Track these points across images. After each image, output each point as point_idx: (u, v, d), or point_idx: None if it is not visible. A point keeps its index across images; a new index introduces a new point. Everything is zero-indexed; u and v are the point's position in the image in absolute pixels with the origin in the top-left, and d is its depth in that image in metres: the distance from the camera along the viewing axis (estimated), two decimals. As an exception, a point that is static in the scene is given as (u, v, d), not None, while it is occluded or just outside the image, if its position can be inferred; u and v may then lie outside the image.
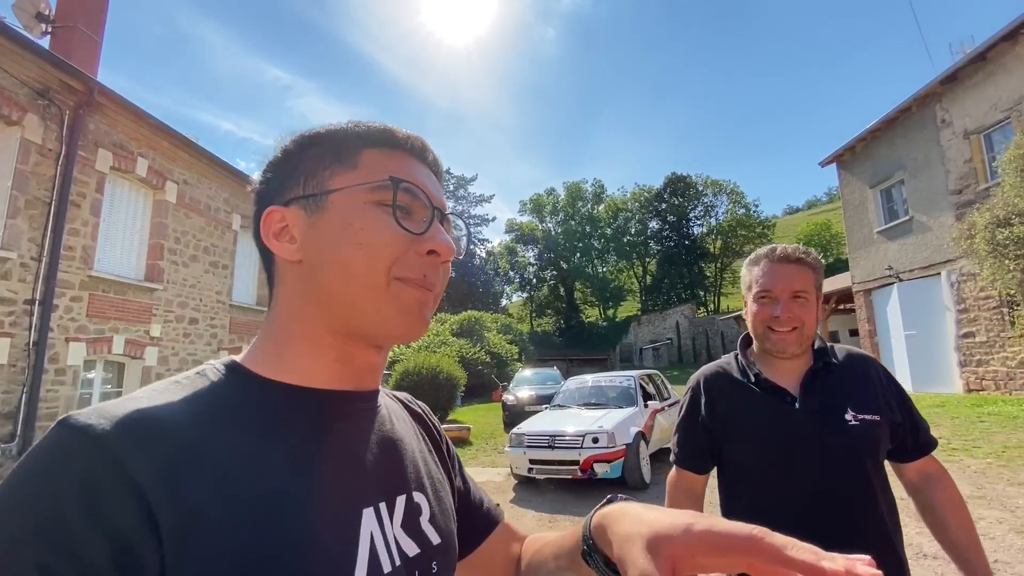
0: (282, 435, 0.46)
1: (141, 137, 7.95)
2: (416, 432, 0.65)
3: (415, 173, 0.54)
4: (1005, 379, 10.30)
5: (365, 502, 0.49)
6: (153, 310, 8.26)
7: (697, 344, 37.88)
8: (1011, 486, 4.78)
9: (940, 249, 11.66)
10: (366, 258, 0.49)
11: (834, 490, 1.14)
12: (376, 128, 0.55)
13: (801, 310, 1.22)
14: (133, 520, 0.35)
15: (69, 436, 0.38)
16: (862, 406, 1.20)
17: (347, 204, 0.50)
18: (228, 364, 0.50)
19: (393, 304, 0.50)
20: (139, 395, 0.44)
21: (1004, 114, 10.06)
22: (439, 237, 0.51)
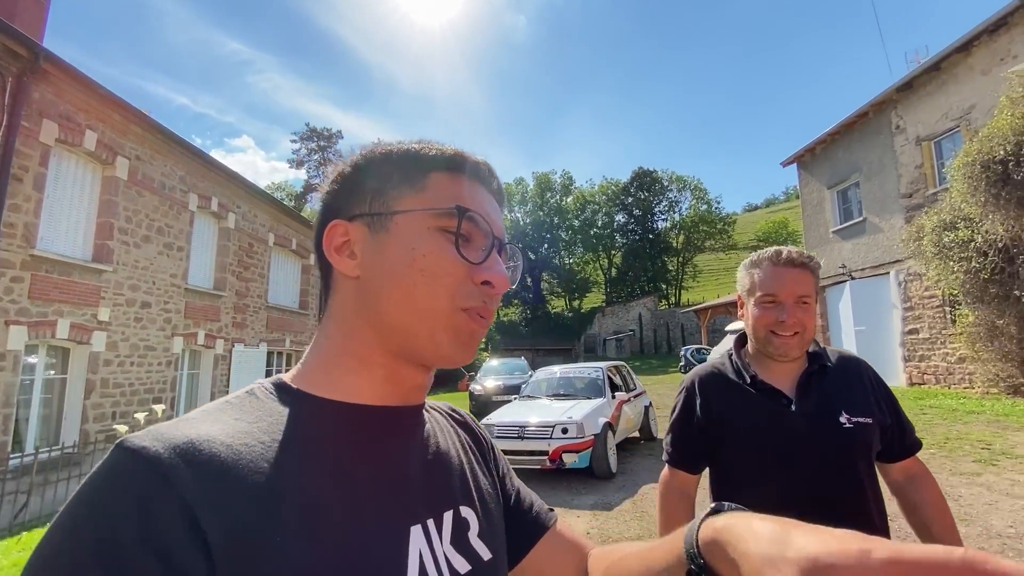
0: (330, 454, 0.47)
1: (90, 108, 7.42)
2: (462, 443, 0.64)
3: (479, 200, 0.54)
4: (945, 374, 11.00)
5: (413, 519, 0.49)
6: (101, 293, 7.77)
7: (658, 336, 38.85)
8: (953, 476, 5.11)
9: (890, 250, 12.27)
10: (427, 285, 0.49)
11: (827, 491, 1.16)
12: (446, 152, 0.55)
13: (804, 315, 1.22)
14: (184, 541, 0.36)
15: (124, 459, 0.39)
16: (855, 409, 1.22)
17: (411, 228, 0.51)
18: (277, 383, 0.51)
19: (449, 332, 0.50)
20: (192, 417, 0.45)
21: (954, 123, 10.62)
22: (496, 269, 0.52)
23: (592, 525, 4.63)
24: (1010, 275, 8.44)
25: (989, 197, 8.15)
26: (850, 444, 1.18)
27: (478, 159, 0.56)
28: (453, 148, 0.55)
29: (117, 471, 0.38)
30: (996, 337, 8.82)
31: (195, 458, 0.39)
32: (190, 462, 0.39)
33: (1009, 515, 4.07)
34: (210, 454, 0.40)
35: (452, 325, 0.50)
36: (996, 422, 7.24)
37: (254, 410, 0.47)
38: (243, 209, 11.56)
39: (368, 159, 0.54)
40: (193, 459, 0.39)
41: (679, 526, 1.50)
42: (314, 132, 55.12)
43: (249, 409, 0.47)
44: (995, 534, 3.74)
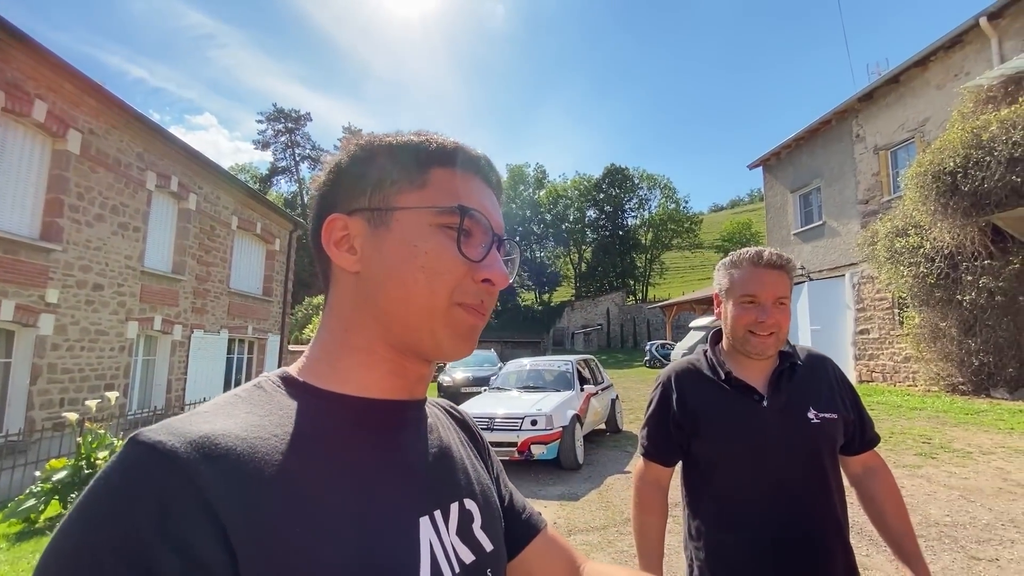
0: (340, 446, 0.47)
1: (40, 76, 6.95)
2: (461, 438, 0.65)
3: (480, 196, 0.54)
4: (891, 372, 11.62)
5: (422, 510, 0.49)
6: (50, 273, 7.34)
7: (625, 331, 39.60)
8: (896, 468, 5.41)
9: (846, 253, 12.84)
10: (427, 282, 0.50)
11: (794, 483, 1.22)
12: (448, 146, 0.54)
13: (781, 315, 1.27)
14: (205, 536, 0.36)
15: (139, 453, 0.38)
16: (823, 405, 1.27)
17: (413, 224, 0.51)
18: (284, 376, 0.51)
19: (449, 328, 0.51)
20: (204, 410, 0.44)
21: (910, 134, 11.16)
22: (496, 267, 0.52)
23: (559, 515, 4.71)
24: (954, 280, 8.96)
25: (938, 206, 8.62)
26: (817, 438, 1.24)
27: (479, 153, 0.56)
28: (453, 141, 0.55)
29: (132, 466, 0.38)
30: (939, 338, 9.37)
31: (212, 452, 0.39)
32: (207, 456, 0.39)
33: (946, 505, 4.35)
34: (227, 448, 0.40)
35: (451, 320, 0.51)
36: (936, 418, 7.72)
37: (264, 404, 0.47)
38: (205, 190, 11.09)
39: (367, 151, 0.54)
40: (210, 454, 0.39)
41: (652, 517, 1.52)
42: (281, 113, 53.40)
43: (259, 403, 0.47)
44: (933, 523, 3.99)
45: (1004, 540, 3.62)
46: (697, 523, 1.32)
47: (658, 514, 1.41)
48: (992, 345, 8.50)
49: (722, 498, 1.28)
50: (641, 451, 1.46)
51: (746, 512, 1.23)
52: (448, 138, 0.56)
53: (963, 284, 8.76)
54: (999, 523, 3.91)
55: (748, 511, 1.23)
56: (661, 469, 1.42)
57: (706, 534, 1.29)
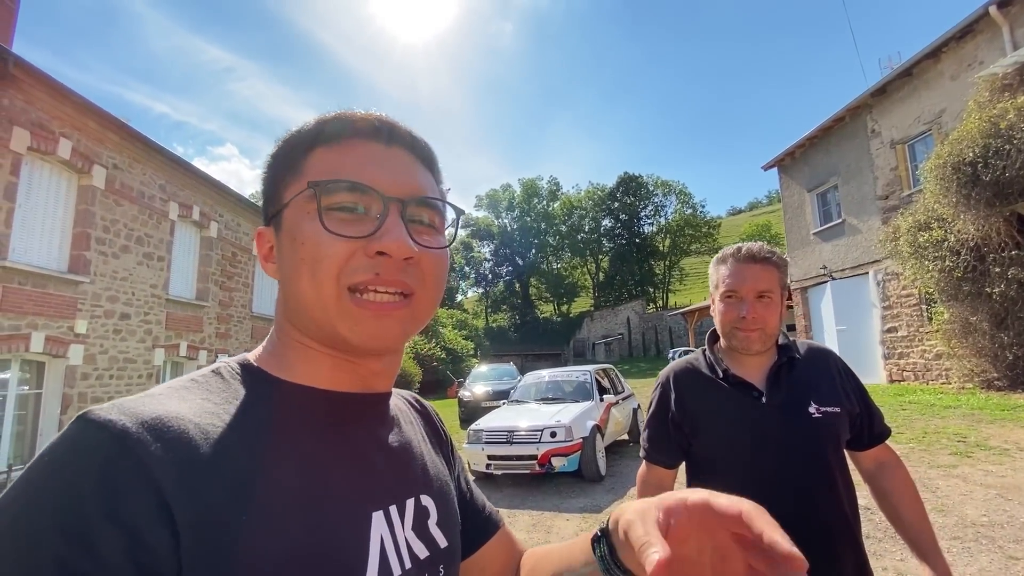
0: (295, 437, 0.46)
1: (64, 116, 7.29)
2: (423, 433, 0.64)
3: (364, 163, 0.48)
4: (923, 370, 11.22)
5: (374, 505, 0.49)
6: (78, 305, 7.61)
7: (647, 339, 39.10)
8: (931, 468, 5.20)
9: (868, 250, 12.53)
10: (311, 273, 0.46)
11: (798, 480, 1.18)
12: (323, 121, 0.50)
13: (765, 310, 1.24)
14: (151, 517, 0.35)
15: (89, 430, 0.37)
16: (824, 399, 1.24)
17: (293, 217, 0.48)
18: (242, 363, 0.50)
19: (346, 318, 0.46)
20: (157, 392, 0.44)
21: (926, 126, 10.91)
22: (389, 236, 0.46)
23: (581, 528, 4.63)
24: (981, 273, 8.66)
25: (960, 198, 8.38)
26: (819, 433, 1.21)
27: (364, 115, 0.50)
28: (335, 113, 0.51)
29: (81, 442, 0.37)
30: (970, 333, 9.03)
31: (163, 434, 0.38)
32: (158, 437, 0.38)
33: (983, 504, 4.16)
34: (179, 431, 0.39)
35: (344, 311, 0.46)
36: (971, 416, 7.41)
37: (221, 390, 0.46)
38: (226, 218, 11.42)
39: (270, 155, 0.52)
40: (161, 435, 0.38)
41: None
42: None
43: (215, 389, 0.46)
44: (969, 523, 3.81)
45: (1047, 541, 3.44)
46: None
47: None
48: (1027, 338, 8.16)
49: None
50: (642, 454, 1.44)
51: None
52: (350, 111, 0.51)
53: (991, 276, 8.45)
54: (1041, 523, 3.72)
55: None
56: (663, 471, 1.40)
57: None
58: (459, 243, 55.92)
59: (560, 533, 4.55)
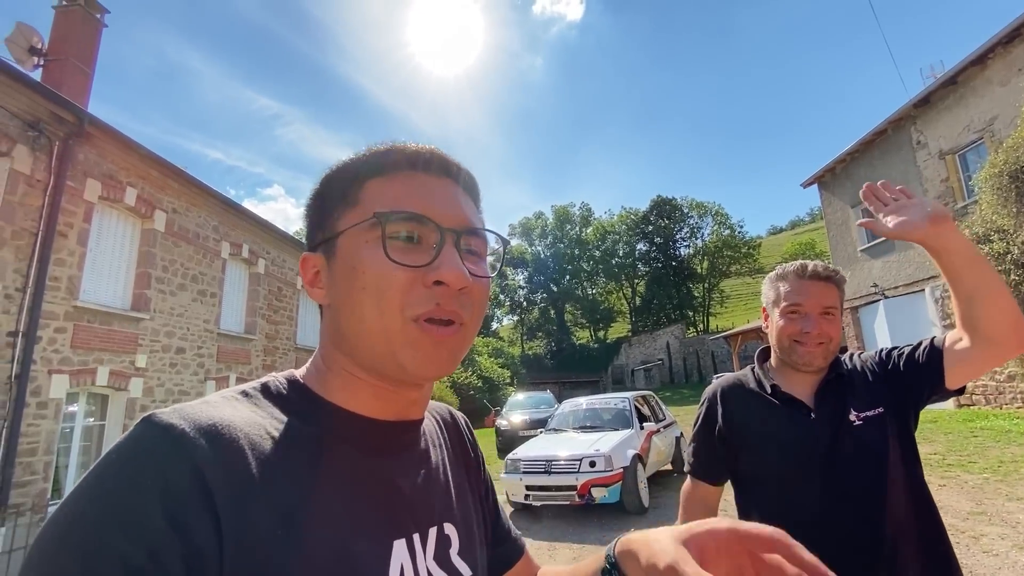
0: (333, 459, 0.47)
1: (130, 167, 7.93)
2: (452, 455, 0.64)
3: (423, 194, 0.50)
4: (995, 393, 10.41)
5: (397, 533, 0.49)
6: (139, 340, 8.09)
7: (688, 364, 37.93)
8: (1010, 501, 4.78)
9: (923, 266, 11.89)
10: (374, 302, 0.47)
11: (851, 494, 1.14)
12: (378, 153, 0.52)
13: (829, 326, 1.24)
14: (206, 526, 0.37)
15: (153, 434, 0.39)
16: (861, 403, 1.21)
17: (351, 246, 0.49)
18: (290, 379, 0.52)
19: (408, 348, 0.47)
20: (213, 399, 0.45)
21: (977, 134, 10.43)
22: (447, 265, 0.47)
23: (624, 562, 4.47)
24: (1053, 287, 8.05)
25: (1021, 207, 7.90)
26: (864, 440, 1.17)
27: (418, 148, 0.52)
28: (388, 145, 0.52)
29: (145, 443, 0.39)
30: (1046, 353, 8.35)
31: (215, 439, 0.40)
32: (211, 442, 0.40)
33: (1075, 543, 3.77)
34: (229, 438, 0.41)
35: (408, 340, 0.47)
36: (1055, 443, 6.79)
37: (269, 404, 0.48)
38: (272, 254, 11.99)
39: (320, 183, 0.54)
40: (213, 440, 0.40)
41: None
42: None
43: (264, 402, 0.48)
44: (1060, 564, 3.46)
45: None
46: None
47: None
48: (1113, 356, 7.48)
49: (773, 517, 1.20)
50: (687, 469, 1.43)
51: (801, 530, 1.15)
52: (396, 143, 0.53)
53: (1065, 290, 7.85)
54: None
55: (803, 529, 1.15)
56: (708, 488, 1.38)
57: None
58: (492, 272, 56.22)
59: (604, 567, 4.40)
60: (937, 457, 6.70)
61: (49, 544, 0.36)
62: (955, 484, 5.49)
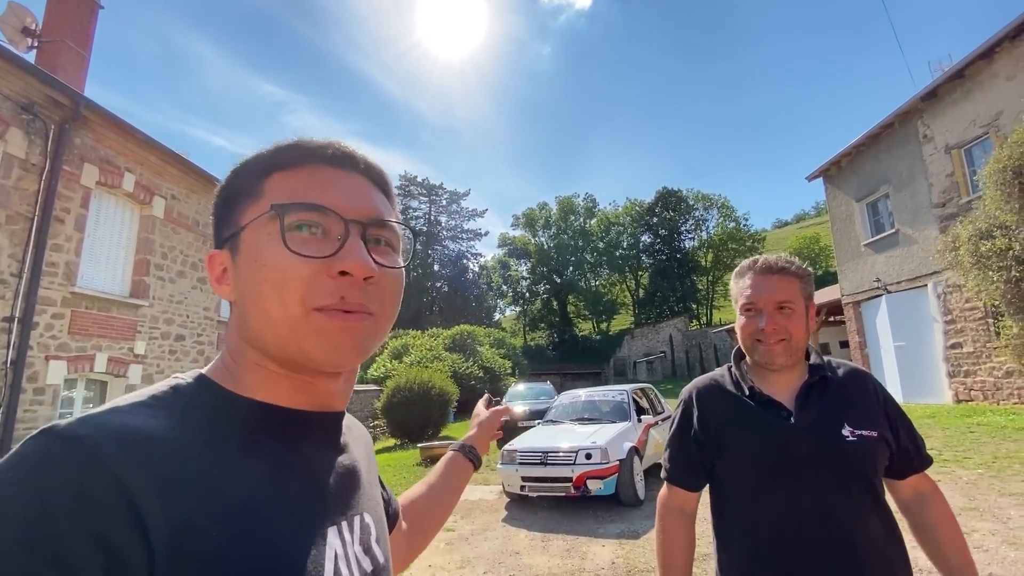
0: (258, 452, 0.47)
1: (128, 152, 7.90)
2: (365, 453, 0.67)
3: (324, 186, 0.50)
4: (993, 389, 10.37)
5: (329, 521, 0.50)
6: (138, 327, 8.12)
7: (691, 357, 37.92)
8: (1002, 497, 4.76)
9: (926, 261, 11.80)
10: (275, 293, 0.47)
11: (827, 506, 1.11)
12: (282, 147, 0.52)
13: (787, 321, 1.19)
14: (126, 530, 0.35)
15: (58, 445, 0.37)
16: (859, 422, 1.16)
17: (253, 239, 0.49)
18: (199, 379, 0.51)
19: (313, 337, 0.47)
20: (121, 407, 0.44)
21: (983, 129, 10.29)
22: (352, 256, 0.47)
23: (618, 555, 4.49)
24: (1056, 284, 7.98)
25: (1025, 203, 7.81)
26: (853, 458, 1.13)
27: (325, 141, 0.52)
28: (293, 140, 0.52)
29: (50, 458, 0.36)
30: (1045, 350, 8.30)
31: (134, 448, 0.38)
32: (129, 451, 0.38)
33: (1066, 541, 3.76)
34: (149, 446, 0.40)
35: (313, 329, 0.47)
36: (1052, 441, 6.76)
37: (183, 405, 0.47)
38: (272, 242, 12.01)
39: (224, 181, 0.54)
40: (132, 448, 0.38)
41: (678, 548, 1.44)
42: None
43: (176, 404, 0.46)
44: (1051, 562, 3.46)
45: None
46: (727, 556, 1.22)
47: (683, 544, 1.31)
48: (1114, 355, 7.43)
49: (751, 525, 1.18)
50: (664, 475, 1.38)
51: (778, 540, 1.13)
52: (308, 138, 0.53)
53: (1067, 287, 7.78)
54: None
55: (780, 540, 1.13)
56: (685, 494, 1.33)
57: (738, 568, 1.19)
58: (496, 262, 56.32)
59: (595, 560, 4.42)
60: (933, 452, 6.63)
61: None
62: (949, 480, 5.48)
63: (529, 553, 4.70)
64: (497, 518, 5.96)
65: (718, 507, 1.28)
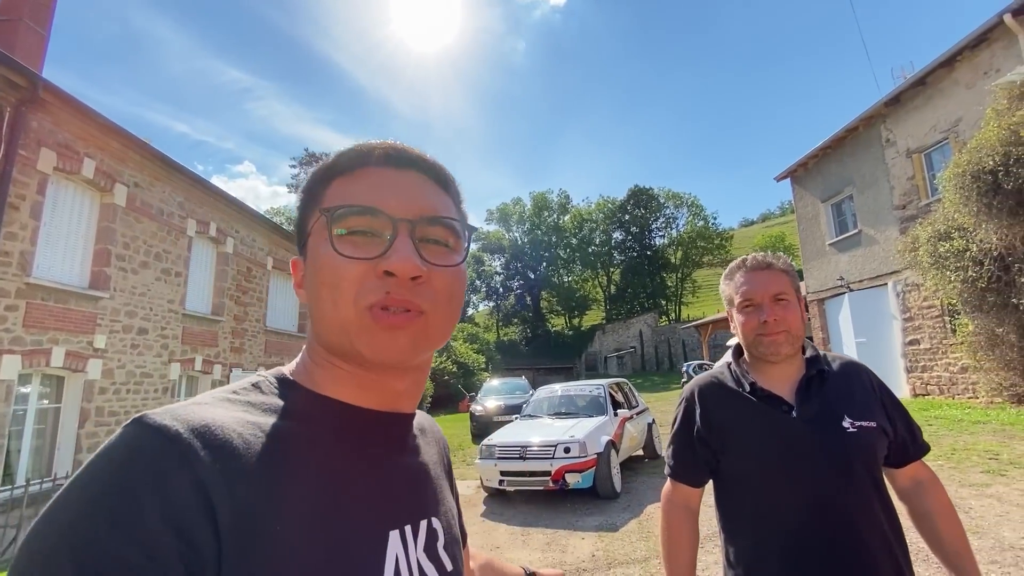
0: (325, 451, 0.48)
1: (88, 137, 7.49)
2: (437, 457, 0.67)
3: (376, 187, 0.51)
4: (948, 384, 10.92)
5: (393, 524, 0.50)
6: (98, 320, 7.74)
7: (660, 352, 38.70)
8: (963, 487, 5.02)
9: (887, 261, 12.32)
10: (331, 296, 0.49)
11: (833, 498, 1.13)
12: (342, 153, 0.54)
13: (784, 311, 1.23)
14: (200, 520, 0.37)
15: (145, 435, 0.39)
16: (859, 413, 1.19)
17: (313, 244, 0.51)
18: (279, 377, 0.53)
19: (363, 336, 0.48)
20: (204, 401, 0.46)
21: (943, 135, 10.77)
22: (397, 256, 0.48)
23: (597, 547, 4.53)
24: (1007, 283, 8.44)
25: (981, 207, 8.21)
26: (855, 449, 1.16)
27: (377, 144, 0.54)
28: (354, 144, 0.54)
29: (138, 445, 0.39)
30: (997, 346, 8.78)
31: (210, 441, 0.41)
32: (206, 443, 0.40)
33: (1021, 526, 3.98)
34: (223, 439, 0.41)
35: (363, 328, 0.48)
36: (1002, 431, 7.16)
37: (261, 402, 0.49)
38: (241, 234, 11.60)
39: (300, 191, 0.57)
40: (208, 441, 0.40)
41: (683, 542, 1.46)
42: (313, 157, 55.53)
43: (256, 401, 0.49)
44: (1007, 546, 3.65)
45: (1091, 564, 3.28)
46: (734, 549, 1.24)
47: (688, 538, 1.33)
48: (1057, 350, 7.91)
49: (757, 518, 1.21)
50: (667, 471, 1.40)
51: (784, 532, 1.15)
52: (366, 141, 0.54)
53: (1017, 286, 8.23)
54: (1083, 545, 3.55)
55: (786, 531, 1.15)
56: (689, 490, 1.35)
57: (746, 560, 1.21)
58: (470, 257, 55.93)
59: (575, 552, 4.46)
60: (894, 444, 6.99)
61: (42, 547, 0.36)
62: (911, 470, 5.74)
63: (510, 547, 4.71)
64: (476, 513, 5.95)
65: (723, 502, 1.30)
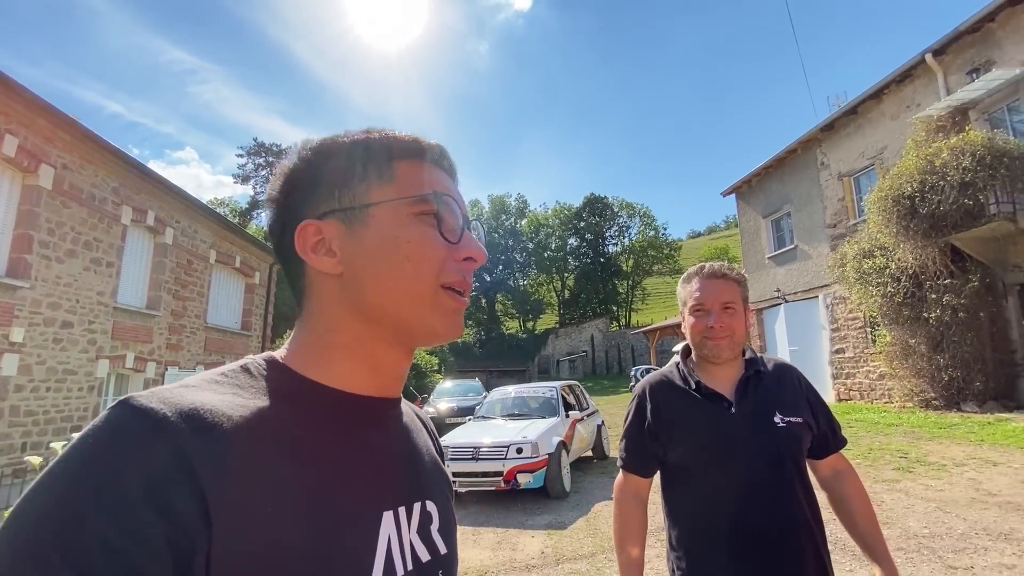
0: (316, 434, 0.49)
1: (11, 112, 6.91)
2: (428, 442, 0.67)
3: (444, 182, 0.57)
4: (868, 390, 11.84)
5: (385, 505, 0.51)
6: (16, 311, 7.12)
7: (610, 357, 39.62)
8: (876, 483, 5.49)
9: (818, 275, 13.23)
10: (414, 270, 0.52)
11: (764, 486, 1.26)
12: (406, 140, 0.57)
13: (731, 320, 1.36)
14: (189, 503, 0.37)
15: (131, 416, 0.39)
16: (788, 409, 1.33)
17: (391, 218, 0.53)
18: (269, 360, 0.53)
19: (438, 310, 0.53)
20: (192, 384, 0.46)
21: (869, 161, 11.72)
22: (473, 245, 0.56)
23: (546, 544, 4.62)
24: (919, 299, 9.28)
25: (900, 228, 9.00)
26: (783, 441, 1.29)
27: (435, 143, 0.59)
28: (410, 135, 0.57)
29: (124, 428, 0.39)
30: (909, 355, 9.62)
31: (199, 424, 0.41)
32: (194, 427, 0.40)
33: (924, 517, 4.42)
34: (212, 422, 0.41)
35: (438, 304, 0.53)
36: (911, 433, 7.87)
37: (250, 385, 0.49)
38: (182, 224, 10.99)
39: (323, 154, 0.54)
40: (197, 425, 0.40)
41: (634, 529, 1.56)
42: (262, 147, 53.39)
43: (245, 384, 0.48)
44: (912, 535, 4.04)
45: (978, 548, 3.69)
46: (676, 532, 1.35)
47: (638, 525, 1.43)
48: (959, 360, 8.77)
49: (697, 504, 1.33)
50: (620, 463, 1.50)
51: (720, 516, 1.27)
52: (403, 132, 0.58)
53: (928, 302, 9.07)
54: (973, 532, 3.99)
55: (722, 515, 1.27)
56: (639, 480, 1.46)
57: (686, 542, 1.32)
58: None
59: (526, 550, 4.53)
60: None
61: (24, 528, 0.36)
62: (834, 469, 6.22)
63: (460, 547, 4.69)
64: (426, 515, 5.90)
65: (669, 490, 1.42)
